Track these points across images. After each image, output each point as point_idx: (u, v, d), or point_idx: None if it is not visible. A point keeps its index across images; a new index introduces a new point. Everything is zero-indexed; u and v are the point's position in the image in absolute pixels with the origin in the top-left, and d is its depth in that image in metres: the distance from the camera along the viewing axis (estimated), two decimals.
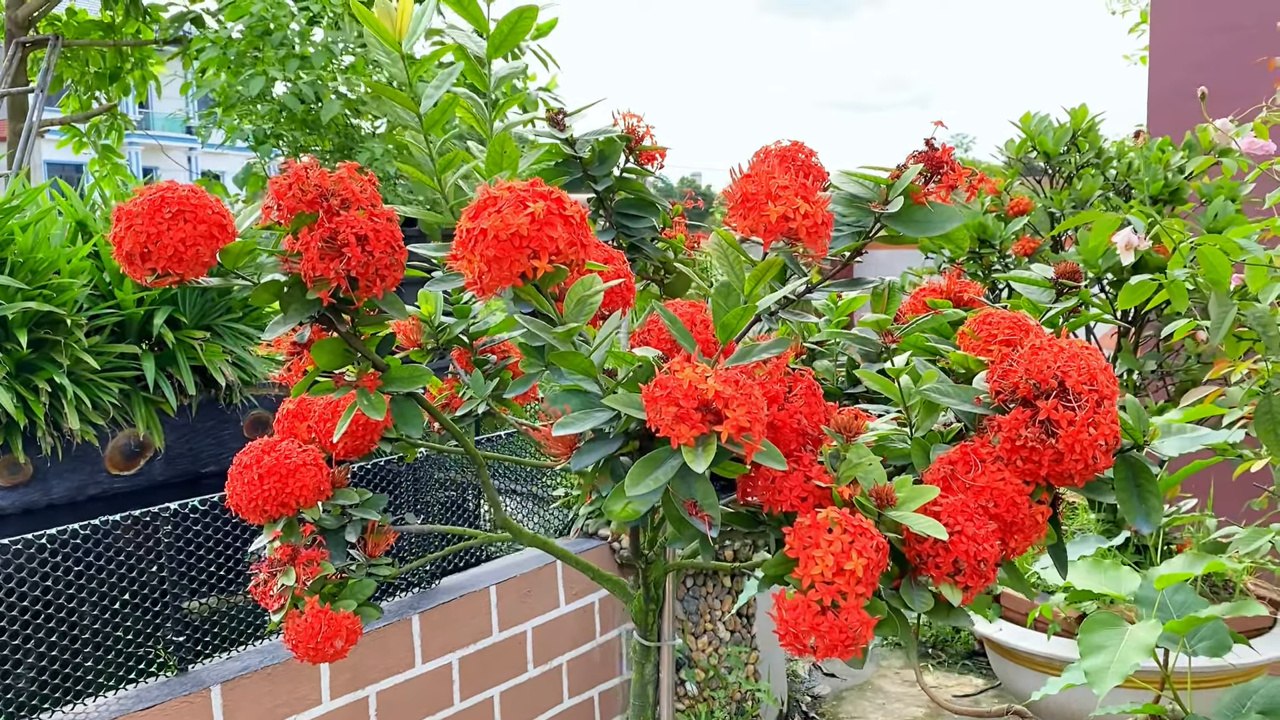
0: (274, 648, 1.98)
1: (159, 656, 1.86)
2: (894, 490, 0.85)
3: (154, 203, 0.92)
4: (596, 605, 2.59)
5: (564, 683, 2.51)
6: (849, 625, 0.79)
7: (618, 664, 2.67)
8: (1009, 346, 1.07)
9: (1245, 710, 1.46)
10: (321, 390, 1.05)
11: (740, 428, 0.76)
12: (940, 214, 0.95)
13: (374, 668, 2.07)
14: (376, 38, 0.95)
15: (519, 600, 2.38)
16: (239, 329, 3.48)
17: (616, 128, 1.33)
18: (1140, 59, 5.38)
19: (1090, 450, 0.86)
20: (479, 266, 0.78)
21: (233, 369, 3.37)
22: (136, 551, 1.82)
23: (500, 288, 0.79)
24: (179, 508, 1.87)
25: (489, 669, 2.32)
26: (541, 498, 2.71)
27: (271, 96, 3.90)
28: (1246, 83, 3.31)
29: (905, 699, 3.55)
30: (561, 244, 0.78)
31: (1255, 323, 1.16)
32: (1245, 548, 1.34)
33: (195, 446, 3.51)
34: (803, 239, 0.83)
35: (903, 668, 3.83)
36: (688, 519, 0.82)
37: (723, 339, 0.88)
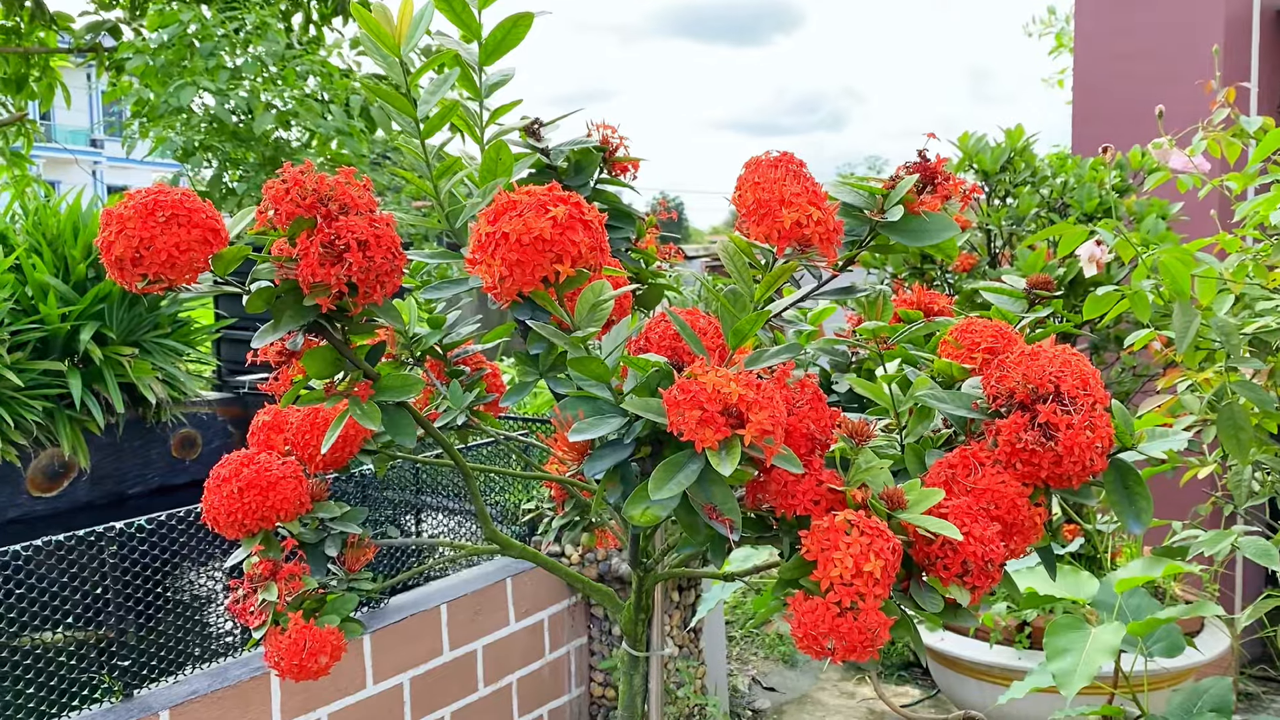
0: (222, 670, 1.92)
1: (104, 682, 1.79)
2: (904, 493, 0.86)
3: (147, 206, 0.90)
4: (546, 623, 2.57)
5: (514, 701, 2.48)
6: (868, 626, 0.80)
7: (567, 681, 2.65)
8: (991, 354, 1.10)
9: (1198, 709, 1.51)
10: (311, 400, 1.03)
11: (764, 430, 0.77)
12: (936, 224, 0.97)
13: (325, 689, 2.03)
14: (375, 42, 0.94)
15: (470, 619, 2.35)
16: (168, 345, 3.40)
17: (591, 139, 1.34)
18: (1058, 82, 5.57)
19: (1088, 452, 0.89)
20: (500, 270, 0.78)
21: (163, 386, 3.28)
22: (80, 574, 1.75)
23: (523, 291, 0.79)
24: (124, 527, 1.81)
25: (440, 689, 2.28)
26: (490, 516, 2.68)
27: (201, 108, 3.82)
28: (1168, 106, 3.45)
29: (844, 711, 3.59)
30: (583, 248, 0.78)
31: (1218, 332, 1.21)
32: (1210, 550, 1.39)
33: (121, 467, 3.41)
34: (815, 245, 0.84)
35: (840, 680, 3.87)
36: (709, 523, 0.82)
37: (734, 344, 0.88)
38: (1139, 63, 3.57)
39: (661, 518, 0.81)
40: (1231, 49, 3.40)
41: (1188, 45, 3.44)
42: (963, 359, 1.10)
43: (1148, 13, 3.57)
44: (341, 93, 4.09)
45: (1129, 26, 3.61)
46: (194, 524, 1.93)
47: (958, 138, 2.75)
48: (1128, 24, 3.61)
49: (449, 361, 1.37)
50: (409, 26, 0.94)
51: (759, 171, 1.06)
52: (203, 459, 3.54)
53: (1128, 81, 3.60)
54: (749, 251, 0.87)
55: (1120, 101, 3.61)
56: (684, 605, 2.76)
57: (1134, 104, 3.56)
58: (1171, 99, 3.50)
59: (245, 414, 3.69)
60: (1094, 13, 3.70)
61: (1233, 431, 1.21)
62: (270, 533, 1.14)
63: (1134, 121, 3.56)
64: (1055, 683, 1.37)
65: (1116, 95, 3.63)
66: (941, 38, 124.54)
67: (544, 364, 1.07)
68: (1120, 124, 3.55)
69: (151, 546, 1.85)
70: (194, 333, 3.50)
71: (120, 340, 3.20)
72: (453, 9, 1.01)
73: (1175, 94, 3.49)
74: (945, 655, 2.93)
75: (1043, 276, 1.23)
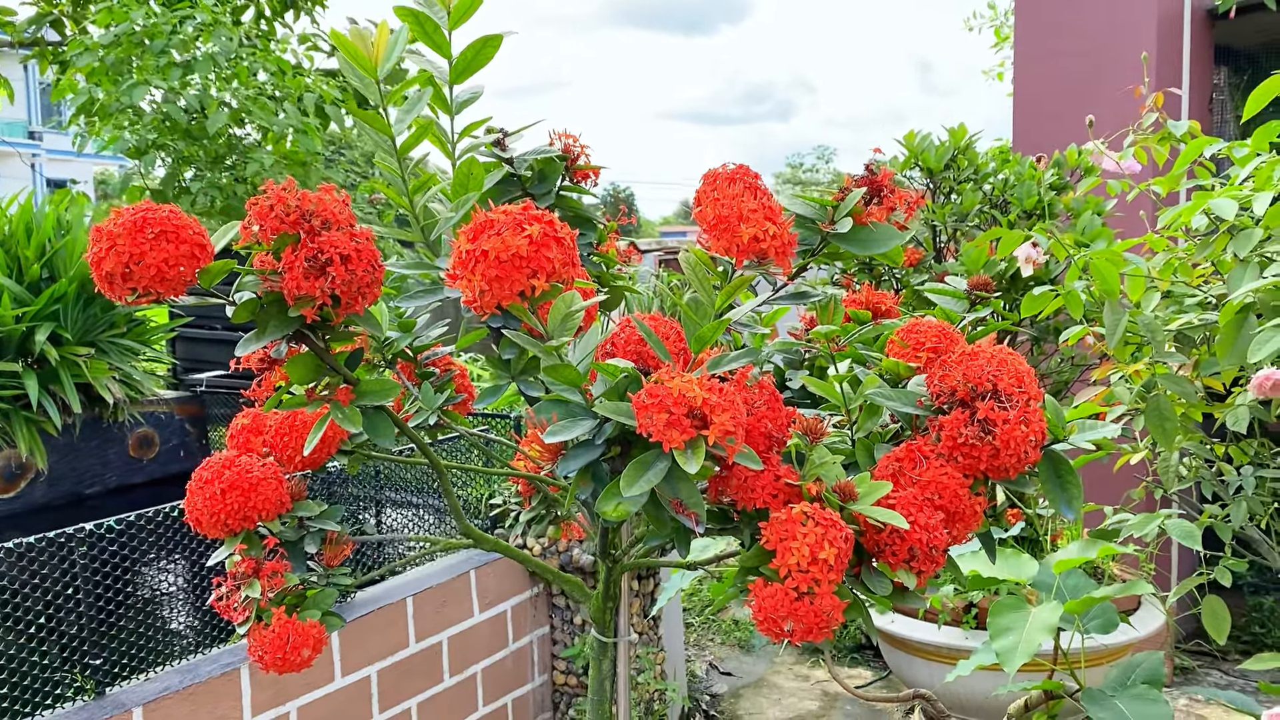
0: (193, 667, 1.96)
1: (76, 680, 1.82)
2: (855, 486, 0.93)
3: (136, 223, 0.94)
4: (509, 613, 2.63)
5: (479, 691, 2.53)
6: (823, 609, 0.86)
7: (530, 670, 2.71)
8: (935, 353, 1.17)
9: (1132, 681, 1.60)
10: (294, 404, 1.08)
11: (726, 431, 0.83)
12: (882, 233, 1.04)
13: (295, 683, 2.07)
14: (353, 65, 0.99)
15: (435, 611, 2.40)
16: (125, 344, 3.40)
17: (554, 147, 1.39)
18: (998, 75, 5.70)
19: (1023, 445, 0.96)
20: (480, 285, 0.83)
21: (120, 385, 3.28)
22: (51, 574, 1.78)
23: (501, 304, 0.84)
24: (95, 528, 1.83)
25: (406, 680, 2.33)
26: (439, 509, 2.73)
27: (151, 105, 3.81)
28: (1104, 104, 3.57)
29: (799, 693, 3.68)
30: (557, 264, 0.84)
31: (1145, 329, 1.29)
32: (1139, 531, 1.48)
33: (79, 467, 3.41)
34: (771, 258, 0.91)
35: (794, 664, 3.97)
36: (675, 517, 0.88)
37: (696, 350, 0.95)
38: (1076, 60, 3.69)
39: (632, 513, 0.87)
40: (1164, 48, 3.53)
41: (1122, 44, 3.56)
42: (909, 358, 1.17)
43: (1084, 11, 3.68)
44: (294, 89, 4.10)
45: (1066, 24, 3.72)
46: (162, 524, 1.96)
47: (904, 136, 2.84)
48: (1065, 22, 3.73)
49: (419, 364, 1.42)
50: (385, 50, 0.99)
51: (717, 186, 1.12)
52: (160, 458, 3.55)
53: (1065, 79, 3.71)
54: (709, 263, 0.93)
55: (1058, 98, 3.73)
56: (643, 594, 2.82)
57: (1071, 101, 3.68)
58: (1106, 96, 3.62)
59: (203, 412, 3.69)
60: (1033, 11, 3.81)
61: (1159, 422, 1.30)
62: (252, 532, 1.19)
63: (1072, 118, 3.67)
64: (998, 660, 1.46)
65: (1054, 92, 3.74)
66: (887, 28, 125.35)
67: (515, 368, 1.13)
68: (1058, 120, 3.66)
69: (121, 547, 1.88)
70: (149, 331, 3.50)
71: (76, 340, 3.20)
72: (425, 30, 1.06)
73: (1110, 92, 3.61)
74: (895, 637, 3.03)
75: (983, 278, 1.30)
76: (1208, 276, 1.46)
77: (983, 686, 2.41)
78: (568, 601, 2.73)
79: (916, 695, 1.99)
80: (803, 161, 47.90)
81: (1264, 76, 4.10)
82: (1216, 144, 1.38)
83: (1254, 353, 1.04)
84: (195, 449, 3.68)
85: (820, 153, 49.22)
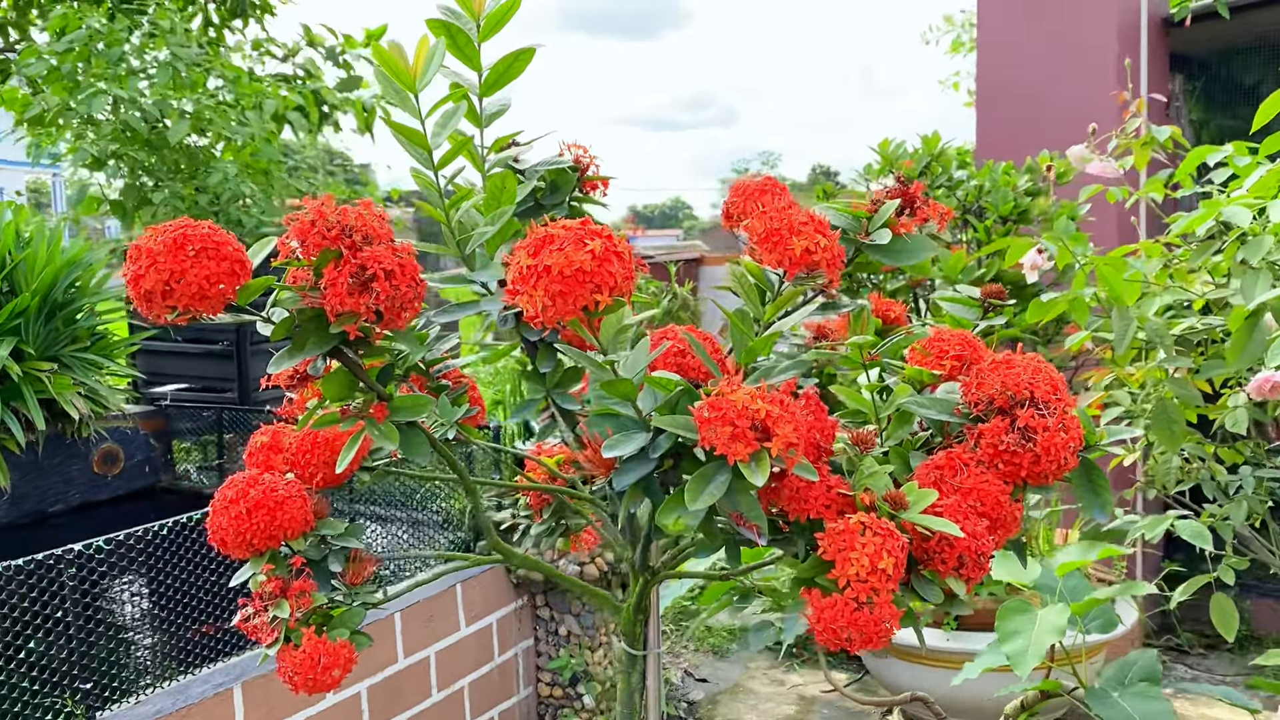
0: (184, 688, 1.92)
1: (66, 706, 1.78)
2: (905, 495, 0.94)
3: (176, 240, 0.92)
4: (495, 626, 2.61)
5: (466, 705, 2.51)
6: (881, 618, 0.87)
7: (515, 683, 2.70)
8: (960, 361, 1.19)
9: (1130, 679, 1.63)
10: (327, 422, 1.06)
11: (790, 443, 0.83)
12: (917, 244, 1.05)
13: (286, 702, 2.04)
14: (392, 79, 0.98)
15: (423, 625, 2.38)
16: (88, 359, 3.32)
17: (564, 158, 1.39)
18: (954, 85, 5.79)
19: (1063, 452, 0.98)
20: (543, 301, 0.83)
21: (84, 401, 3.21)
22: (40, 597, 1.73)
23: (562, 320, 0.84)
24: (83, 549, 1.79)
25: (395, 696, 2.30)
26: (415, 521, 2.71)
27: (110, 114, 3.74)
28: (1065, 110, 3.64)
29: (775, 698, 3.70)
30: (619, 279, 0.84)
31: (1152, 333, 1.32)
32: (1150, 533, 1.51)
33: (42, 485, 3.32)
34: (822, 269, 0.92)
35: (768, 669, 3.99)
36: (736, 529, 0.88)
37: (746, 361, 0.95)
38: (1037, 68, 3.76)
39: (694, 526, 0.87)
40: (1123, 55, 3.61)
41: (1082, 51, 3.64)
42: (932, 365, 1.19)
43: (1045, 20, 3.75)
44: (252, 95, 4.04)
45: (1027, 33, 3.79)
46: (151, 543, 1.92)
47: (878, 144, 2.87)
48: (1026, 30, 3.80)
49: (432, 377, 1.41)
50: (423, 63, 0.98)
51: (749, 197, 1.13)
52: (125, 474, 3.47)
53: (1027, 85, 3.78)
54: (761, 276, 0.93)
55: (1020, 104, 3.80)
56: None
57: (1033, 107, 3.75)
58: (1068, 104, 3.70)
59: (167, 426, 3.62)
60: (995, 22, 3.88)
61: (1165, 424, 1.33)
62: (276, 551, 1.17)
63: (1034, 124, 3.74)
64: (1010, 663, 1.48)
65: (1017, 98, 3.81)
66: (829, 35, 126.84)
67: (551, 381, 1.12)
68: (1022, 126, 3.73)
69: (110, 568, 1.84)
70: (112, 345, 3.43)
71: (39, 355, 3.12)
72: (457, 44, 1.05)
73: (1071, 99, 3.69)
74: None
75: (996, 286, 1.32)
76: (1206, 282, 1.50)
77: (976, 689, 2.44)
78: (552, 613, 2.72)
79: (914, 698, 2.01)
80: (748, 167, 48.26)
81: (1218, 84, 4.19)
82: (1218, 152, 1.42)
83: (1272, 356, 1.07)
84: (160, 465, 3.61)
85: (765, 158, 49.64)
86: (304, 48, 4.93)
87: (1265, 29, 3.86)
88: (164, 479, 3.59)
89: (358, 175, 6.76)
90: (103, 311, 3.45)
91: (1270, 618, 3.81)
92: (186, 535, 1.97)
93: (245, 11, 5.42)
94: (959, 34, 5.65)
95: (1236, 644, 3.85)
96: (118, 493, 3.46)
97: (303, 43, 4.91)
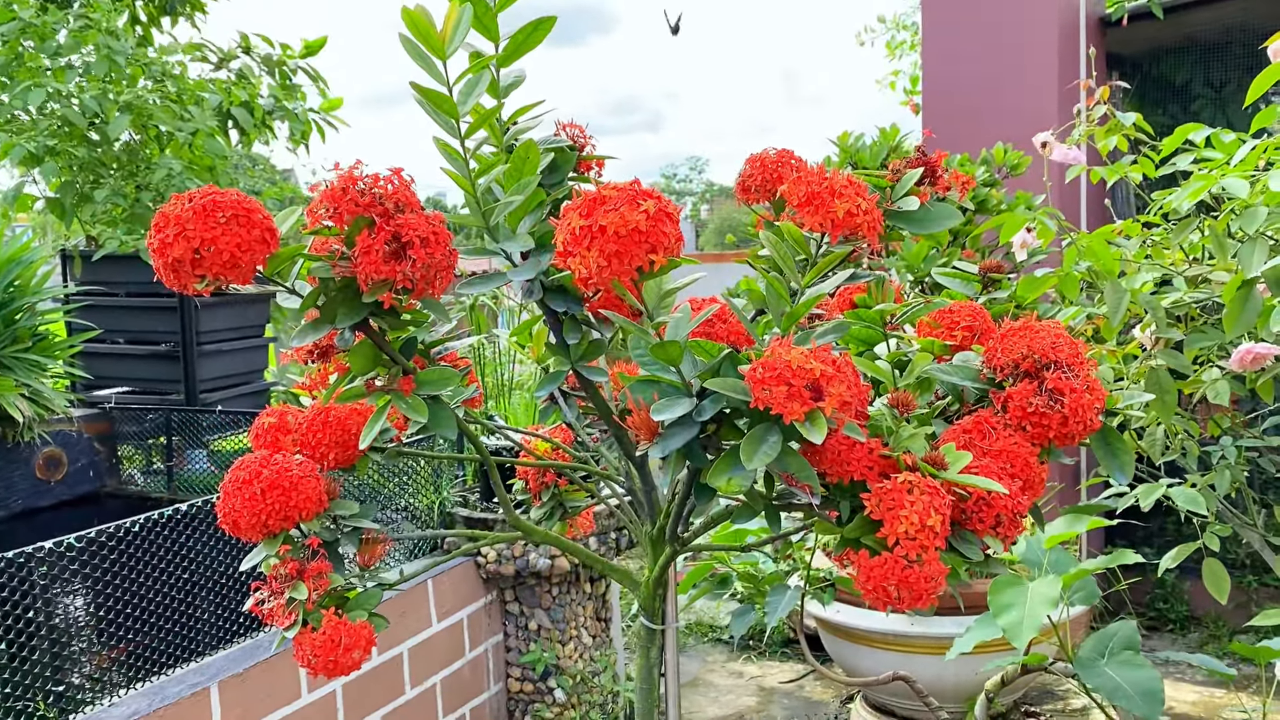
0: (159, 688, 1.86)
1: (39, 710, 1.71)
2: (944, 456, 0.95)
3: (206, 206, 0.90)
4: (465, 621, 2.58)
5: (439, 702, 2.48)
6: (931, 575, 0.88)
7: (486, 679, 2.67)
8: (970, 332, 1.21)
9: (1113, 649, 1.67)
10: (352, 396, 1.04)
11: (844, 402, 0.84)
12: (940, 212, 1.07)
13: (262, 701, 1.99)
14: (422, 45, 0.97)
15: (396, 621, 2.35)
16: (30, 359, 3.21)
17: (561, 138, 1.38)
18: (890, 84, 5.88)
19: (1089, 413, 1.00)
20: (597, 262, 0.82)
21: (28, 403, 3.10)
22: (11, 597, 1.67)
23: (616, 280, 0.83)
24: (54, 546, 1.73)
25: (370, 694, 2.27)
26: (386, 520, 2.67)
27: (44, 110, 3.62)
28: (1009, 105, 3.72)
29: (735, 690, 3.72)
30: (671, 239, 0.84)
31: (1145, 305, 1.36)
32: (1144, 500, 1.55)
33: None
34: (863, 233, 0.93)
35: (727, 661, 4.01)
36: (788, 489, 0.89)
37: (785, 327, 0.95)
38: (981, 64, 3.84)
39: (745, 487, 0.87)
40: (1064, 53, 3.70)
41: (1025, 48, 3.73)
42: (944, 336, 1.21)
43: (988, 17, 3.84)
44: (194, 91, 3.95)
45: (971, 30, 3.87)
46: (123, 541, 1.86)
47: (838, 137, 2.91)
48: (969, 27, 3.88)
49: (432, 359, 1.39)
50: (452, 29, 0.97)
51: (766, 167, 1.14)
52: (69, 479, 3.36)
53: (971, 81, 3.86)
54: (801, 241, 0.94)
55: (965, 99, 3.87)
56: (595, 595, 2.81)
57: (978, 101, 3.83)
58: (1011, 99, 3.78)
59: (112, 429, 3.52)
60: (939, 18, 3.95)
61: (1159, 394, 1.37)
62: (289, 533, 1.14)
63: (979, 118, 3.82)
64: (1006, 635, 1.50)
65: (962, 94, 3.89)
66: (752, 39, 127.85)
67: (575, 353, 1.12)
68: (967, 120, 3.80)
69: (82, 565, 1.78)
70: (54, 347, 3.32)
71: None
72: (476, 13, 1.04)
73: (1016, 94, 3.77)
74: (840, 626, 3.09)
75: (995, 261, 1.35)
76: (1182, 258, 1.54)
77: (954, 668, 2.48)
78: (522, 608, 2.70)
79: (897, 676, 2.04)
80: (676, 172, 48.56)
81: (1150, 83, 4.31)
82: (1202, 130, 1.47)
83: (1276, 321, 1.11)
84: (105, 469, 3.50)
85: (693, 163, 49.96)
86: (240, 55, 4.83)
87: (1194, 29, 4.00)
88: (109, 484, 3.49)
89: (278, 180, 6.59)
90: (45, 311, 3.35)
91: (1207, 598, 3.93)
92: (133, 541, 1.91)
93: (174, 9, 5.29)
94: (894, 34, 5.75)
95: (1178, 624, 3.97)
96: (62, 498, 3.35)
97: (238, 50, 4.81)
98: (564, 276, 1.03)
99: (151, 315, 3.63)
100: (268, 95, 4.48)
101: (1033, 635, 1.48)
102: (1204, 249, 1.57)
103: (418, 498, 2.61)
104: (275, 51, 4.66)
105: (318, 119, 4.58)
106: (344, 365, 1.04)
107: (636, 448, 0.93)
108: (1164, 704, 1.48)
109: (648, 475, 1.16)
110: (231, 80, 4.51)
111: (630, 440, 0.94)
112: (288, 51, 4.61)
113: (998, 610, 1.55)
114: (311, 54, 4.72)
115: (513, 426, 2.57)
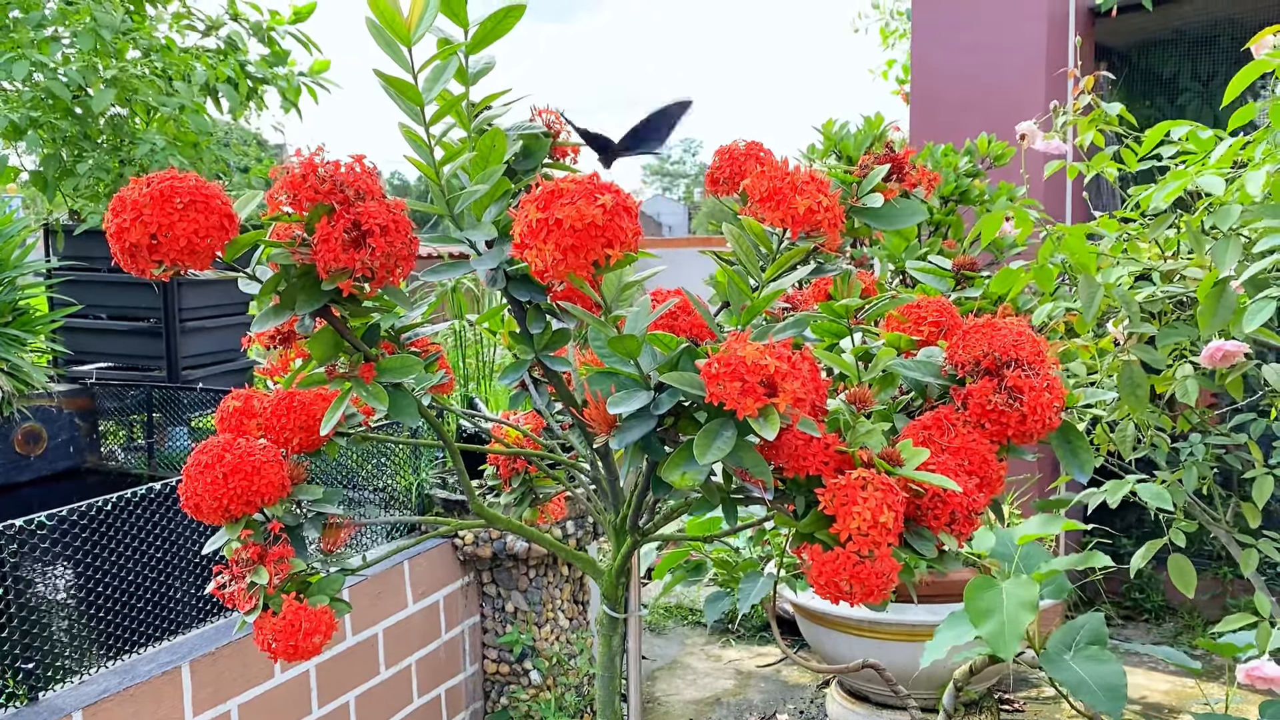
0: (130, 667, 1.87)
1: (7, 686, 1.72)
2: (900, 453, 0.95)
3: (163, 192, 0.89)
4: (441, 603, 2.59)
5: (414, 682, 2.49)
6: (883, 571, 0.89)
7: (462, 660, 2.68)
8: (937, 327, 1.21)
9: (1079, 643, 1.68)
10: (314, 382, 1.04)
11: (798, 398, 0.84)
12: (906, 209, 1.07)
13: (235, 680, 1.99)
14: (387, 30, 0.96)
15: (371, 603, 2.35)
16: (10, 334, 3.20)
17: (535, 124, 1.37)
18: (883, 74, 5.86)
19: (1048, 411, 1.00)
20: (553, 255, 0.82)
21: (7, 378, 3.09)
22: None
23: (573, 274, 0.83)
24: (24, 523, 1.73)
25: (344, 674, 2.27)
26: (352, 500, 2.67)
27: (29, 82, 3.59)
28: (999, 95, 3.72)
29: (713, 673, 3.74)
30: (629, 234, 0.84)
31: (1119, 300, 1.36)
32: (1112, 497, 1.56)
33: None
34: (824, 229, 0.92)
35: (704, 645, 4.03)
36: (743, 485, 0.89)
37: (744, 321, 0.95)
38: (970, 55, 3.83)
39: (699, 481, 0.87)
40: (1053, 44, 3.70)
41: (1015, 39, 3.72)
42: (911, 331, 1.21)
43: (978, 8, 3.83)
44: (180, 65, 3.93)
45: (961, 21, 3.86)
46: (95, 519, 1.86)
47: (822, 125, 2.90)
48: (960, 19, 3.86)
49: (402, 345, 1.39)
50: (418, 15, 0.96)
51: (734, 160, 1.14)
52: (48, 455, 3.36)
53: (961, 72, 3.85)
54: (762, 235, 0.94)
55: (954, 90, 3.86)
56: (573, 578, 2.82)
57: (967, 92, 3.82)
58: (1001, 88, 3.78)
59: (93, 405, 3.51)
60: (930, 8, 3.94)
61: (1131, 389, 1.37)
62: (252, 517, 1.14)
63: (968, 109, 3.82)
64: (990, 647, 1.49)
65: (951, 84, 3.88)
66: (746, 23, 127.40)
67: (540, 343, 1.11)
68: (955, 111, 3.80)
69: (53, 544, 1.78)
70: (34, 321, 3.30)
71: None
72: (448, 3, 1.03)
73: (1004, 84, 3.77)
74: (815, 612, 3.11)
75: (969, 258, 1.35)
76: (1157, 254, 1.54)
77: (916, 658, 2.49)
78: (498, 590, 2.71)
79: (865, 664, 2.05)
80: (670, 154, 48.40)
81: (1138, 75, 4.31)
82: (1182, 126, 1.47)
83: (1248, 322, 1.11)
84: (85, 445, 3.50)
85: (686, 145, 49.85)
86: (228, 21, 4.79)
87: (1182, 22, 3.99)
88: (89, 460, 3.48)
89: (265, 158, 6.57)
90: (26, 286, 3.33)
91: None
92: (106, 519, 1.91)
93: None
94: (887, 21, 5.73)
95: (1153, 614, 4.00)
96: (41, 474, 3.35)
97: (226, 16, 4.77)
98: (527, 266, 1.03)
99: (134, 291, 3.61)
100: (257, 62, 4.45)
101: (1017, 643, 1.48)
102: (1179, 244, 1.57)
103: (396, 479, 2.61)
104: (264, 19, 4.63)
105: (307, 82, 4.54)
106: (306, 351, 1.03)
107: (595, 439, 0.93)
108: (1125, 700, 1.49)
109: (611, 465, 1.16)
110: (220, 49, 4.48)
111: (589, 431, 0.94)
112: (276, 18, 4.58)
113: (976, 616, 1.55)
114: (300, 20, 4.68)
115: (489, 411, 2.57)
